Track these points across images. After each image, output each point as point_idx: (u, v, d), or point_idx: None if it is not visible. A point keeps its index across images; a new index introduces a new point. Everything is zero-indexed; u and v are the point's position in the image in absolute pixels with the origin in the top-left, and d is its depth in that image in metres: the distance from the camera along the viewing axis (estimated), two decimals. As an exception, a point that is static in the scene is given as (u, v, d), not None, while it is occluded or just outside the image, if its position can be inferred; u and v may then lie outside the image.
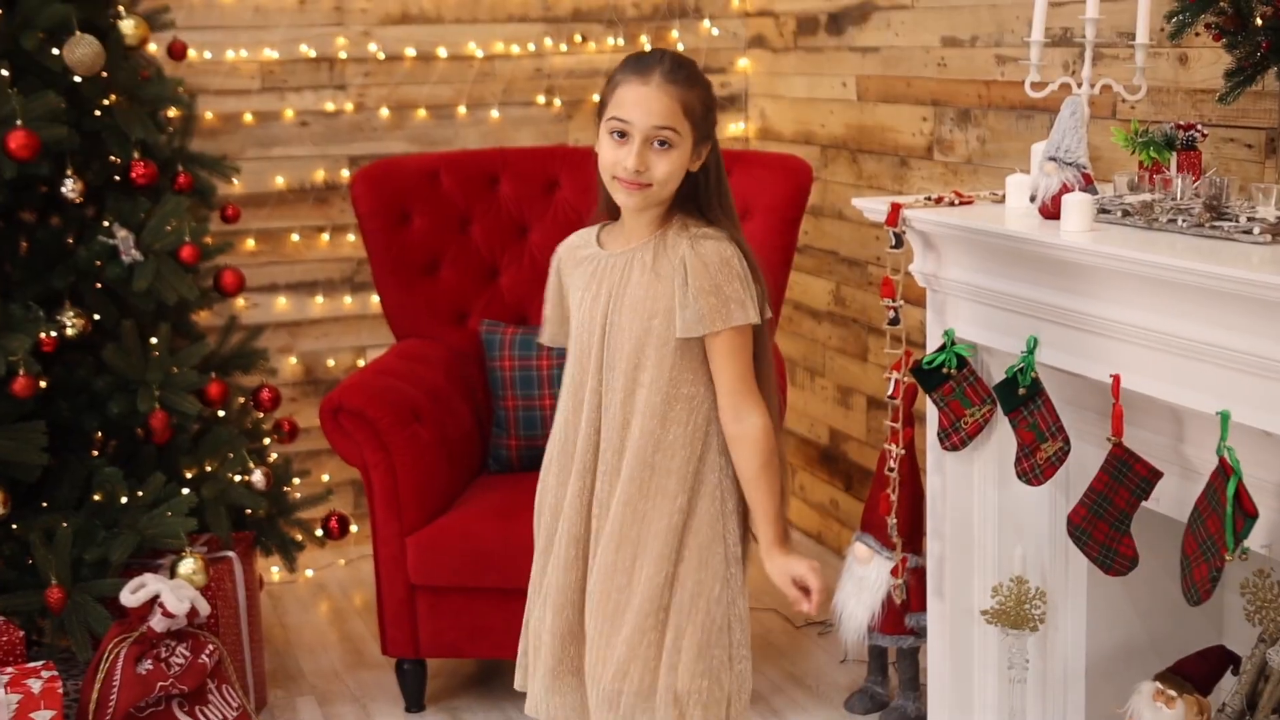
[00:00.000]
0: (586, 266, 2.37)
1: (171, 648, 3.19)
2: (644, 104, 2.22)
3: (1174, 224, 2.40)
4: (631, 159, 2.22)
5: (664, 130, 2.23)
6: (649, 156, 2.23)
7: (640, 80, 2.23)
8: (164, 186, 3.58)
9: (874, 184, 4.16)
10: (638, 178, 2.23)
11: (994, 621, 2.82)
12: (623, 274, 2.31)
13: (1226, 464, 2.17)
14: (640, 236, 2.32)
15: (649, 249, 2.30)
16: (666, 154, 2.24)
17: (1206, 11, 2.52)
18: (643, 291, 2.29)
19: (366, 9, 4.44)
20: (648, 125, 2.22)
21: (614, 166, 2.25)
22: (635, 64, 2.27)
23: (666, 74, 2.23)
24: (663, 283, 2.27)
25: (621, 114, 2.24)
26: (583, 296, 2.35)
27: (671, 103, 2.23)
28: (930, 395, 2.87)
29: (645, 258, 2.30)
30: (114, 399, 3.41)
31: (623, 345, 2.30)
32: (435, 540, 3.44)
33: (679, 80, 2.24)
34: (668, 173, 2.25)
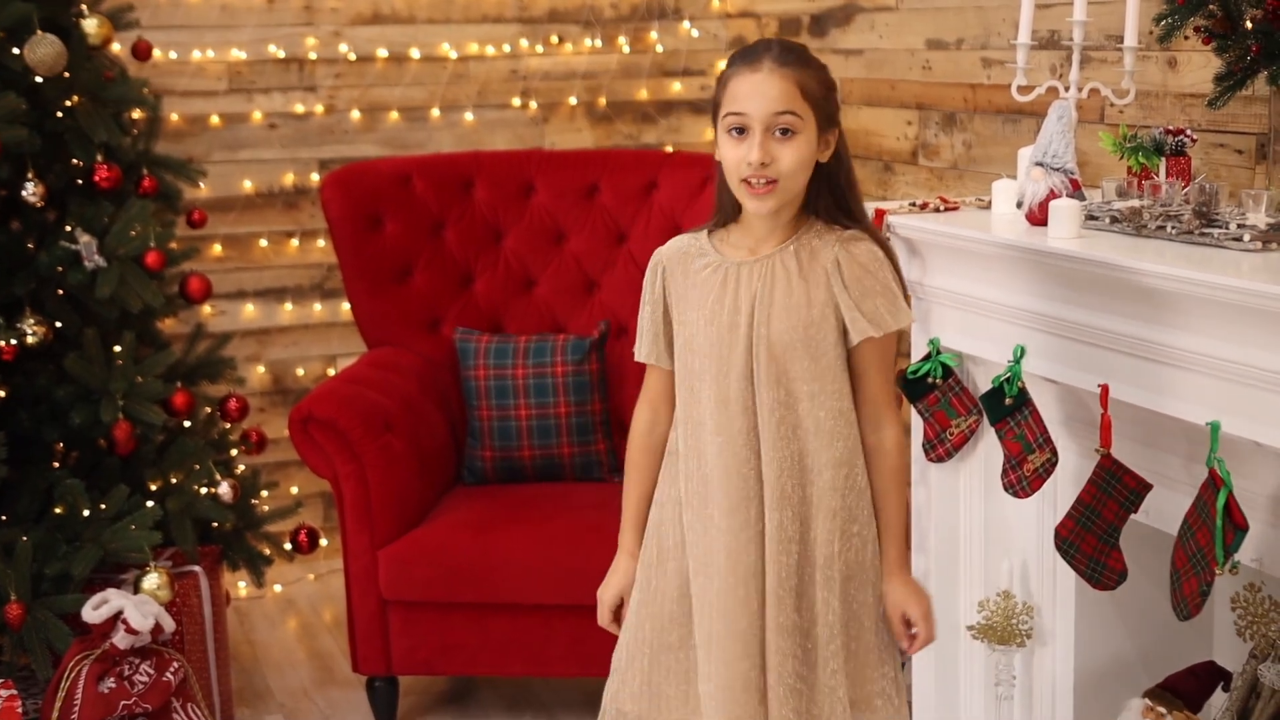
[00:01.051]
0: (710, 275, 2.24)
1: (135, 665, 3.17)
2: (758, 91, 2.13)
3: (1163, 231, 2.41)
4: (755, 151, 2.12)
5: (784, 116, 2.13)
6: (772, 147, 2.13)
7: (750, 69, 2.14)
8: (128, 190, 3.58)
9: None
10: (764, 172, 2.13)
11: (980, 637, 2.82)
12: (765, 281, 2.20)
13: (1217, 476, 2.18)
14: (774, 240, 2.22)
15: (789, 253, 2.21)
16: (791, 142, 2.14)
17: (1196, 14, 2.53)
18: (793, 299, 2.19)
19: (337, 8, 4.44)
20: (766, 113, 2.12)
21: (738, 166, 2.15)
22: (743, 55, 2.18)
23: (777, 58, 2.14)
24: (815, 289, 2.19)
25: (736, 107, 2.14)
26: (714, 309, 2.22)
27: (788, 85, 2.13)
28: (915, 405, 2.88)
29: (788, 263, 2.20)
30: (76, 409, 3.40)
31: (781, 358, 2.19)
32: (408, 554, 3.44)
33: (791, 62, 2.15)
34: (795, 162, 2.15)
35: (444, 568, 3.43)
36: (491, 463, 3.79)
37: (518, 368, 3.78)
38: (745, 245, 2.25)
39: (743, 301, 2.21)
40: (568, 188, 4.10)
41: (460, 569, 3.42)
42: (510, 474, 3.81)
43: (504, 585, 3.42)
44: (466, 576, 3.41)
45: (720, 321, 2.21)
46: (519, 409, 3.77)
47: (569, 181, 4.10)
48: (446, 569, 3.43)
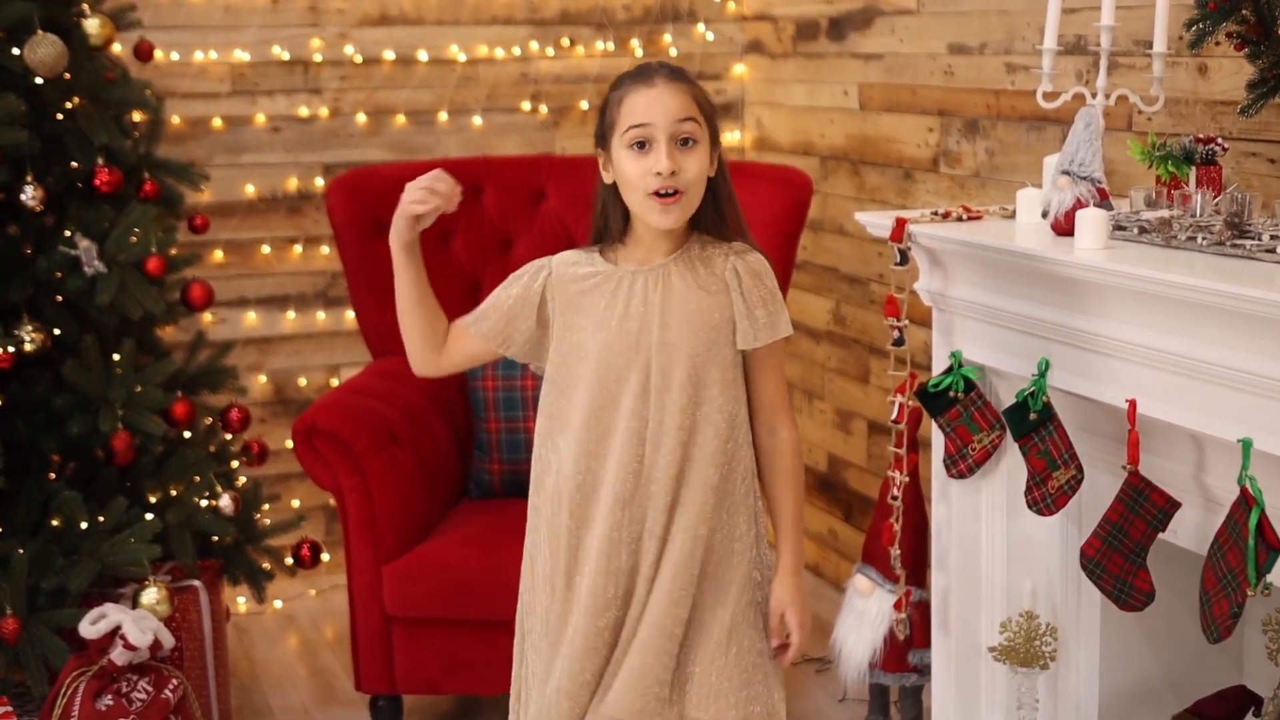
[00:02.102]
0: (601, 286, 2.33)
1: (133, 682, 3.18)
2: (659, 102, 2.23)
3: (1193, 242, 2.41)
4: (664, 160, 2.21)
5: (686, 124, 2.24)
6: (677, 156, 2.23)
7: (645, 84, 2.25)
8: (129, 194, 3.59)
9: (877, 197, 4.17)
10: (672, 181, 2.22)
11: (1002, 659, 2.82)
12: (659, 289, 2.30)
13: (1248, 494, 2.18)
14: (664, 251, 2.32)
15: (683, 262, 2.31)
16: (693, 151, 2.25)
17: (1228, 20, 2.53)
18: (693, 306, 2.29)
19: (343, 9, 4.45)
20: (669, 122, 2.23)
21: (644, 179, 2.23)
22: (633, 75, 2.29)
23: (668, 75, 2.27)
24: (713, 297, 2.29)
25: (638, 119, 2.24)
26: (604, 315, 2.31)
27: (685, 97, 2.25)
28: (936, 420, 2.87)
29: (683, 272, 2.30)
30: (74, 418, 3.40)
31: (679, 364, 2.28)
32: (413, 569, 3.44)
33: (682, 78, 2.28)
34: (698, 171, 2.26)
35: (450, 584, 3.43)
36: (499, 476, 3.80)
37: (526, 379, 3.78)
38: (634, 257, 2.34)
39: (635, 308, 2.30)
40: (579, 194, 4.07)
41: (467, 585, 3.42)
42: (518, 488, 3.79)
43: (511, 602, 3.39)
44: (473, 593, 3.41)
45: (609, 328, 2.30)
46: (527, 421, 3.77)
47: (580, 188, 4.07)
48: (452, 585, 3.43)
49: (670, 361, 2.28)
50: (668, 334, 2.28)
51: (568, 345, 2.35)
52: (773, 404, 2.36)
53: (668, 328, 2.29)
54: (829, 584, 4.48)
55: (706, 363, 2.29)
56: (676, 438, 2.28)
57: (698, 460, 2.29)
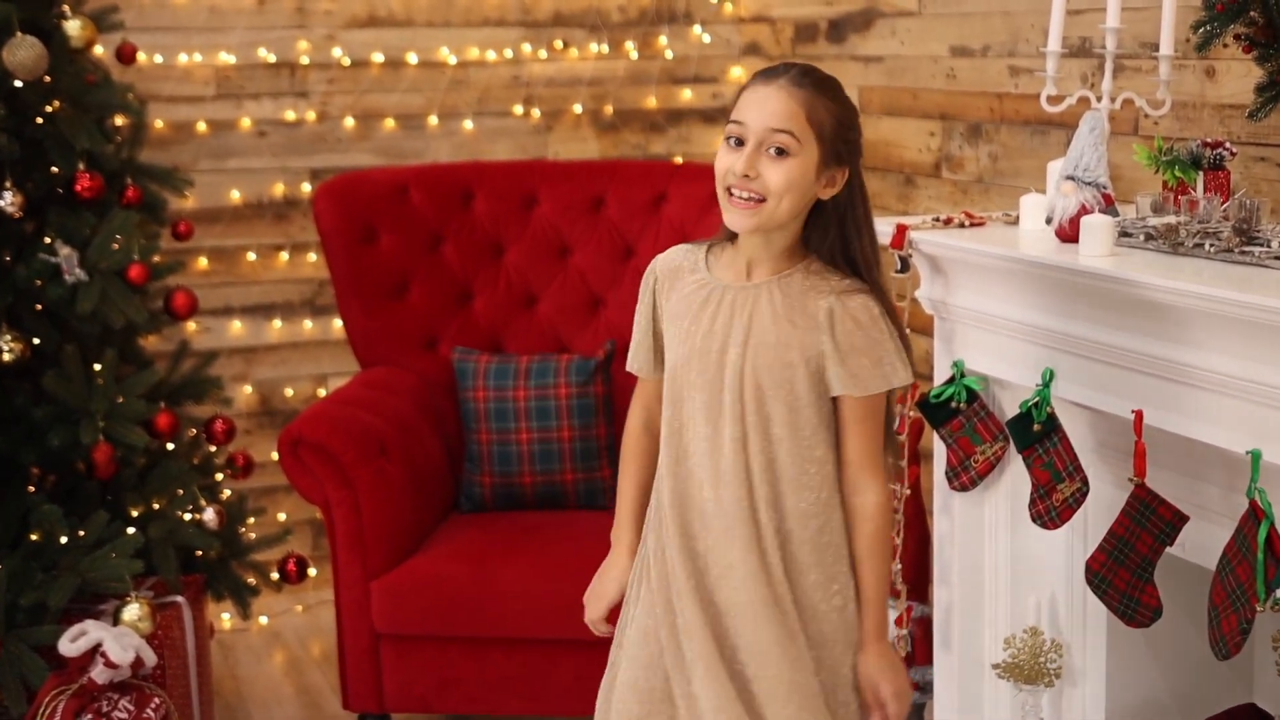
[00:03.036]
0: (695, 292, 2.26)
1: (114, 701, 3.17)
2: (761, 104, 2.16)
3: (1201, 249, 2.41)
4: (741, 161, 2.15)
5: (780, 134, 2.14)
6: (761, 163, 2.15)
7: (765, 82, 2.18)
8: (111, 200, 3.58)
9: (877, 203, 4.17)
10: (747, 184, 2.15)
11: (1006, 676, 2.82)
12: (749, 311, 2.22)
13: (1258, 507, 2.18)
14: (765, 270, 2.24)
15: (777, 288, 2.22)
16: (782, 162, 2.15)
17: (1236, 22, 2.54)
18: (774, 337, 2.19)
19: (331, 11, 4.45)
20: (762, 126, 2.15)
21: (724, 174, 2.18)
22: (766, 71, 2.22)
23: (794, 78, 2.18)
24: (799, 332, 2.19)
25: (738, 116, 2.18)
26: (690, 327, 2.24)
27: (793, 105, 2.15)
28: (938, 431, 2.87)
29: (775, 298, 2.21)
30: (54, 430, 3.40)
31: (748, 394, 2.20)
32: (402, 585, 3.43)
33: (806, 85, 2.18)
34: (783, 184, 2.15)
35: (440, 599, 3.42)
36: (491, 489, 3.79)
37: (519, 389, 3.78)
38: (737, 267, 2.26)
39: (719, 327, 2.23)
40: (572, 200, 4.11)
41: (457, 601, 3.41)
42: (510, 501, 3.80)
43: (503, 618, 3.41)
44: (464, 609, 3.41)
45: (693, 344, 2.24)
46: (520, 433, 3.77)
47: (573, 194, 4.11)
48: (443, 601, 3.42)
49: (740, 390, 2.20)
50: (742, 362, 2.20)
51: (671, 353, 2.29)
52: (860, 461, 2.23)
53: (744, 355, 2.20)
54: (829, 599, 4.47)
55: (777, 399, 2.19)
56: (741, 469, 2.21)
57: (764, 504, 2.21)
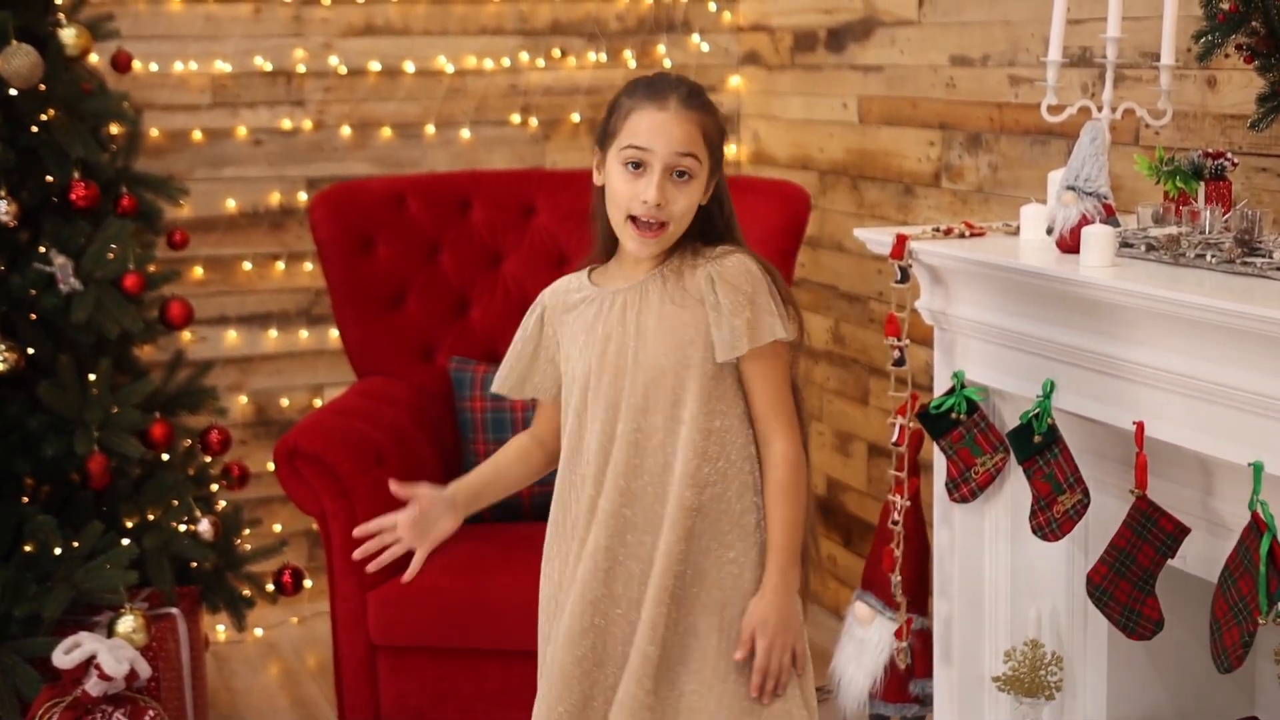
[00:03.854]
0: (585, 309, 2.35)
1: (108, 713, 3.16)
2: (664, 130, 2.23)
3: (1202, 260, 2.41)
4: (652, 190, 2.22)
5: (686, 158, 2.24)
6: (669, 189, 2.24)
7: (657, 106, 2.24)
8: (106, 209, 3.59)
9: (876, 213, 4.17)
10: (657, 214, 2.23)
11: (1006, 689, 2.81)
12: (636, 308, 2.30)
13: (1260, 519, 2.18)
14: (645, 269, 2.32)
15: (658, 279, 2.30)
16: (686, 186, 2.25)
17: (1237, 32, 2.54)
18: (667, 322, 2.28)
19: (327, 19, 4.46)
20: (669, 153, 2.23)
21: (630, 202, 2.24)
22: (648, 89, 2.27)
23: (684, 99, 2.25)
24: (687, 310, 2.27)
25: (639, 141, 2.23)
26: (586, 341, 2.33)
27: (693, 129, 2.25)
28: (938, 442, 2.87)
29: (658, 287, 2.29)
30: (48, 440, 3.40)
31: (654, 382, 2.27)
32: (399, 596, 3.43)
33: (696, 106, 2.26)
34: (687, 207, 2.26)
35: (437, 611, 3.42)
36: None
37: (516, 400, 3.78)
38: (621, 273, 2.35)
39: (614, 329, 2.31)
40: (570, 210, 4.11)
41: (454, 612, 3.41)
42: (507, 512, 3.79)
43: (500, 630, 3.41)
44: (461, 620, 3.40)
45: (589, 354, 2.32)
46: (517, 443, 3.76)
47: (571, 203, 4.11)
48: (440, 612, 3.42)
49: (645, 382, 2.28)
50: (641, 354, 2.28)
51: (567, 374, 2.37)
52: (765, 415, 2.30)
53: (642, 348, 2.28)
54: (828, 611, 4.47)
55: (682, 380, 2.27)
56: (656, 460, 2.28)
57: (677, 481, 2.27)
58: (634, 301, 2.30)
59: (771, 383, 2.31)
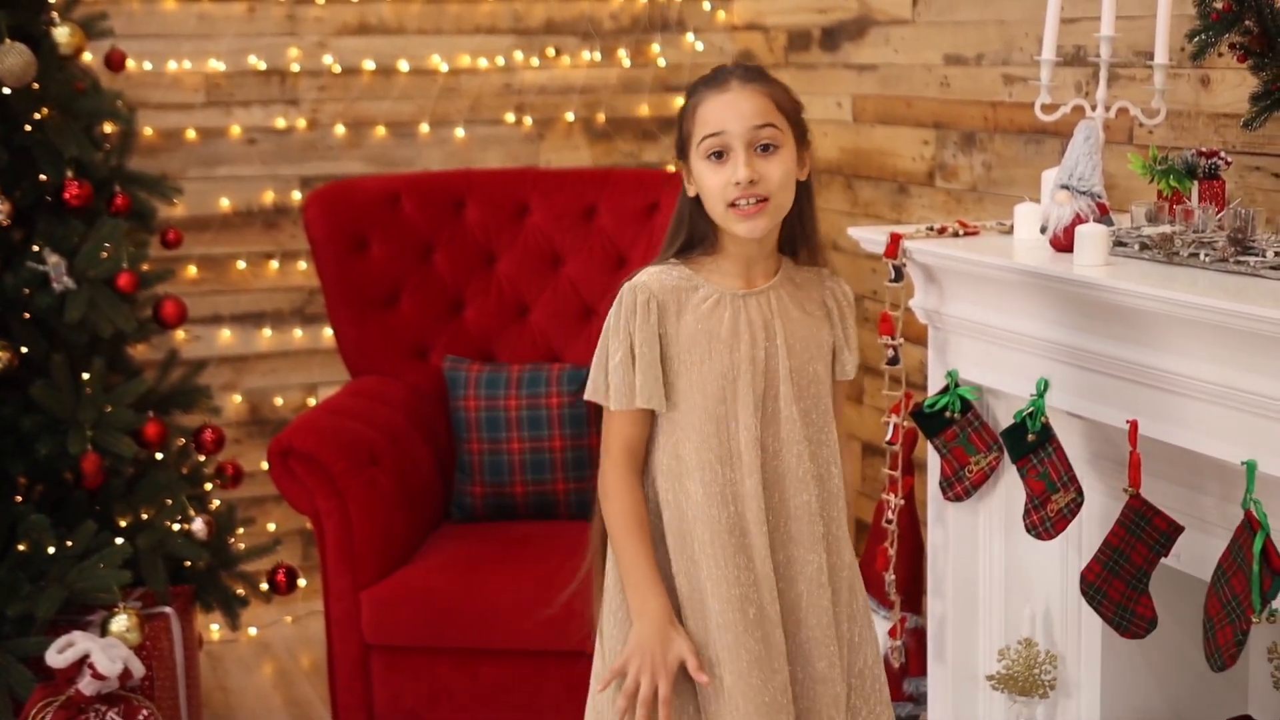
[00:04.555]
0: (712, 309, 2.23)
1: (102, 713, 3.16)
2: (733, 109, 2.18)
3: (1196, 258, 2.41)
4: (742, 169, 2.15)
5: (765, 129, 2.18)
6: (757, 163, 2.17)
7: (718, 90, 2.20)
8: (99, 208, 3.59)
9: (871, 212, 4.18)
10: (752, 190, 2.16)
11: (1000, 687, 2.82)
12: (774, 313, 2.25)
13: (1253, 518, 2.18)
14: (763, 270, 2.27)
15: (786, 285, 2.28)
16: (775, 157, 2.19)
17: (1231, 31, 2.54)
18: (806, 331, 2.26)
19: (321, 18, 4.45)
20: (746, 128, 2.17)
21: (724, 189, 2.17)
22: (706, 80, 2.23)
23: (743, 77, 2.21)
24: (816, 323, 2.28)
25: (713, 128, 2.18)
26: (729, 341, 2.22)
27: (762, 99, 2.19)
28: (932, 441, 2.88)
29: (790, 296, 2.27)
30: (42, 440, 3.39)
31: (813, 391, 2.26)
32: (393, 596, 3.43)
33: (757, 79, 2.21)
34: (782, 176, 2.19)
35: (431, 610, 3.42)
36: (482, 499, 3.79)
37: (510, 399, 3.78)
38: (735, 275, 2.26)
39: (759, 334, 2.23)
40: (564, 209, 4.11)
41: (448, 612, 3.41)
42: (501, 511, 3.80)
43: (495, 629, 3.41)
44: (455, 620, 3.40)
45: (738, 355, 2.22)
46: (511, 442, 3.77)
47: (566, 202, 4.11)
48: (433, 612, 3.42)
49: (808, 391, 2.26)
50: (793, 361, 2.24)
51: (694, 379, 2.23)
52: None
53: (793, 354, 2.24)
54: (822, 610, 4.47)
55: (817, 393, 2.27)
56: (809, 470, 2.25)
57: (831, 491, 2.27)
58: (770, 305, 2.25)
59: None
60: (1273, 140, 2.78)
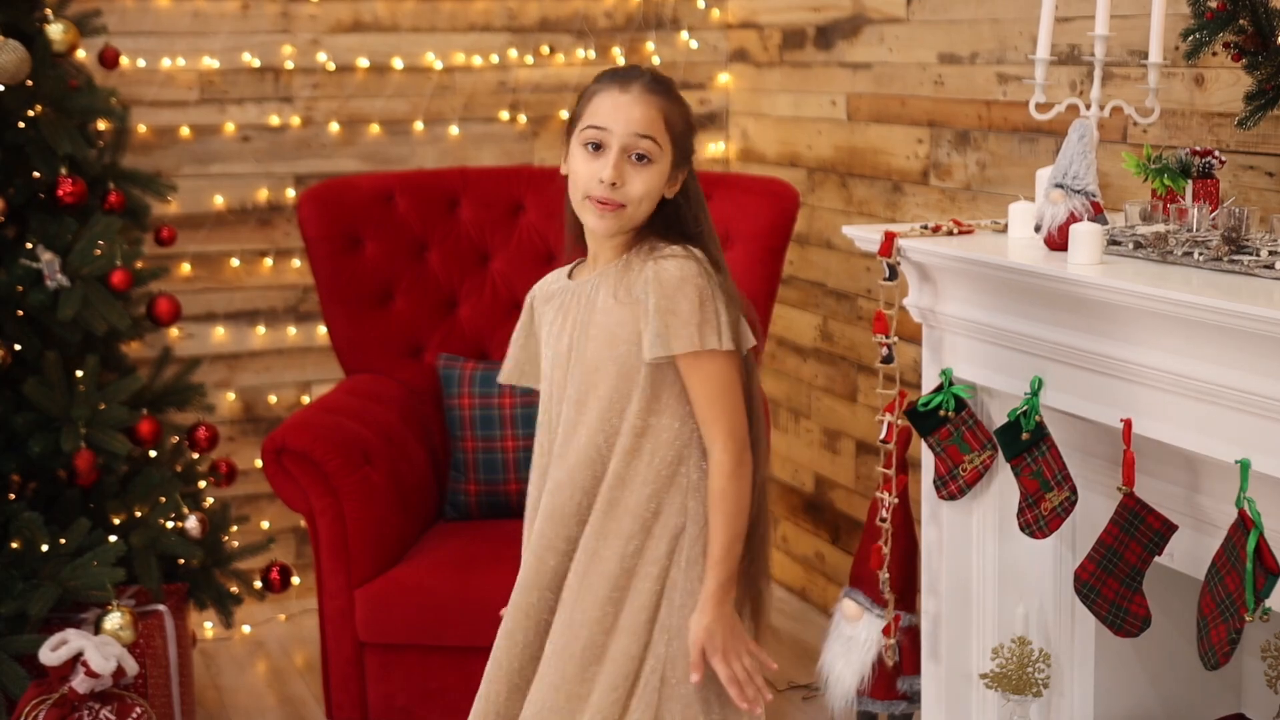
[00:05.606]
0: (555, 301, 2.40)
1: (95, 711, 3.16)
2: (624, 110, 2.26)
3: (1190, 257, 2.42)
4: (608, 170, 2.24)
5: (644, 140, 2.25)
6: (625, 170, 2.25)
7: (620, 88, 2.28)
8: (93, 206, 3.58)
9: (865, 210, 4.18)
10: (612, 194, 2.25)
11: (994, 686, 2.82)
12: (588, 302, 2.33)
13: (1246, 517, 2.18)
14: (605, 262, 2.35)
15: (612, 274, 2.32)
16: (644, 169, 2.26)
17: (1225, 30, 2.55)
18: (609, 318, 2.30)
19: (315, 15, 4.45)
20: (627, 133, 2.25)
21: (588, 181, 2.26)
22: (614, 74, 2.31)
23: (648, 84, 2.28)
24: (625, 308, 2.28)
25: (598, 121, 2.27)
26: (550, 332, 2.38)
27: (654, 112, 2.27)
28: (926, 440, 2.88)
29: (609, 283, 2.31)
30: (35, 437, 3.39)
31: (593, 378, 2.31)
32: (387, 594, 3.43)
33: (660, 91, 2.29)
34: (644, 191, 2.27)
35: (425, 608, 3.42)
36: (476, 497, 3.79)
37: (504, 396, 3.78)
38: (587, 269, 2.39)
39: (568, 324, 2.34)
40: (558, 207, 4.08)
41: (442, 610, 3.41)
42: (495, 509, 3.80)
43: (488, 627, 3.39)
44: (449, 618, 3.40)
45: (551, 344, 2.37)
46: (505, 440, 3.77)
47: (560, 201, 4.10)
48: (427, 610, 3.42)
49: (588, 379, 2.31)
50: (584, 349, 2.31)
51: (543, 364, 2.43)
52: (702, 422, 2.30)
53: (586, 345, 2.32)
54: (816, 608, 4.48)
55: (621, 380, 2.29)
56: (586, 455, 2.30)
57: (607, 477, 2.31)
58: (589, 294, 2.33)
59: (707, 390, 2.29)
60: (1266, 139, 2.78)
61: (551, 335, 2.38)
